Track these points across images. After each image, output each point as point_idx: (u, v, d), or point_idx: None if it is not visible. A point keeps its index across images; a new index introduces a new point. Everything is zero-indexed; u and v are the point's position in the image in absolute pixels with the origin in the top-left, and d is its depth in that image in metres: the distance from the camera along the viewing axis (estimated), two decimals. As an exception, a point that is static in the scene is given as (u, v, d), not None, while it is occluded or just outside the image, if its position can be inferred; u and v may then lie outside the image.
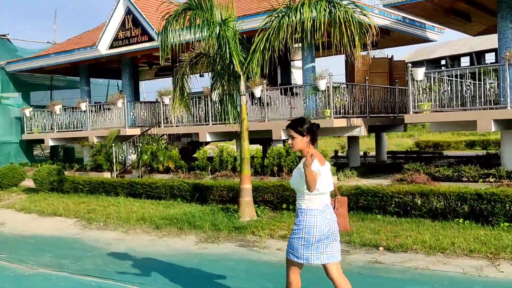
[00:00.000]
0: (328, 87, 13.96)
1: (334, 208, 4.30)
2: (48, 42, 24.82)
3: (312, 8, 8.62)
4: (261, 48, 9.28)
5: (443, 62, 50.53)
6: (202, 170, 15.46)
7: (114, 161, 18.19)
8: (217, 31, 9.46)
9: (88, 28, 35.10)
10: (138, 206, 11.35)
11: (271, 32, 9.21)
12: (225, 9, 9.76)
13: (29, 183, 16.93)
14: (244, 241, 7.88)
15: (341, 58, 17.09)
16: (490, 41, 53.69)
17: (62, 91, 26.53)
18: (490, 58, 54.22)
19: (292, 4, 8.95)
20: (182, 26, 9.33)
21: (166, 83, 33.36)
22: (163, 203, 11.45)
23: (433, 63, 49.38)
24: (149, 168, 17.02)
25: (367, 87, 15.50)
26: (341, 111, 14.36)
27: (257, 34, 9.48)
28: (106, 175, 18.03)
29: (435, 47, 53.11)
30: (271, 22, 9.42)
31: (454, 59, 54.33)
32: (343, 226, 4.36)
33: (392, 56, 17.30)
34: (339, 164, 14.64)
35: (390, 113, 16.64)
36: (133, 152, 19.54)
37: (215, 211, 10.08)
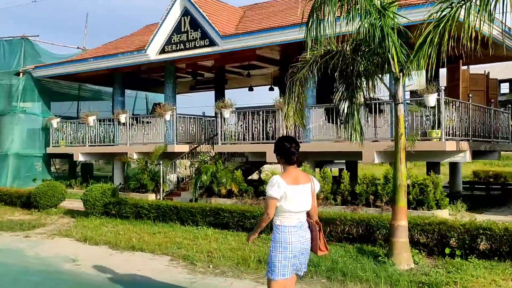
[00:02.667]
0: (438, 103, 11.90)
1: (311, 230, 4.36)
2: (78, 48, 22.62)
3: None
4: (435, 42, 7.13)
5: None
6: (273, 195, 13.18)
7: (161, 181, 15.94)
8: (373, 20, 7.26)
9: (113, 37, 33.02)
10: (238, 241, 9.00)
11: (448, 19, 7.06)
12: (385, -7, 7.59)
13: (68, 203, 14.57)
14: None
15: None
16: (507, 70, 52.42)
17: (88, 103, 24.27)
18: (504, 87, 52.86)
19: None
20: (338, 14, 7.10)
21: (192, 99, 31.07)
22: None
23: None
24: (204, 191, 14.74)
25: (470, 106, 13.47)
26: (449, 132, 12.28)
27: (423, 27, 7.34)
28: (151, 196, 15.86)
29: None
30: (440, 12, 7.29)
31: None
32: (313, 248, 4.39)
33: (489, 72, 15.27)
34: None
35: (486, 138, 14.55)
36: (173, 171, 17.31)
37: (353, 254, 7.81)
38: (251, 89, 21.16)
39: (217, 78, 21.12)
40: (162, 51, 16.80)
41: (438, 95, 11.95)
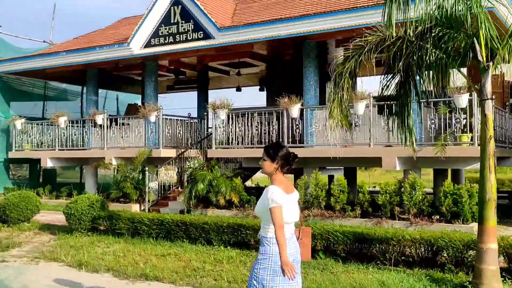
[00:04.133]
0: (470, 104, 10.85)
1: (298, 238, 4.16)
2: (44, 41, 20.40)
3: None
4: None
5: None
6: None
7: (147, 190, 14.20)
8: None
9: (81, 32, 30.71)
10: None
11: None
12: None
13: (40, 216, 12.60)
14: None
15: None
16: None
17: (53, 103, 22.00)
18: None
19: None
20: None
21: (165, 99, 28.91)
22: (311, 264, 7.50)
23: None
24: (198, 201, 13.10)
25: (493, 109, 12.43)
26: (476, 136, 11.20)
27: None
28: (134, 207, 14.18)
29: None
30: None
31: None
32: (305, 256, 4.27)
33: (504, 74, 14.28)
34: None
35: (503, 143, 13.58)
36: (156, 179, 15.59)
37: (426, 283, 6.41)
38: (239, 89, 19.60)
39: (200, 77, 19.46)
40: (148, 44, 15.03)
41: (470, 95, 10.87)
